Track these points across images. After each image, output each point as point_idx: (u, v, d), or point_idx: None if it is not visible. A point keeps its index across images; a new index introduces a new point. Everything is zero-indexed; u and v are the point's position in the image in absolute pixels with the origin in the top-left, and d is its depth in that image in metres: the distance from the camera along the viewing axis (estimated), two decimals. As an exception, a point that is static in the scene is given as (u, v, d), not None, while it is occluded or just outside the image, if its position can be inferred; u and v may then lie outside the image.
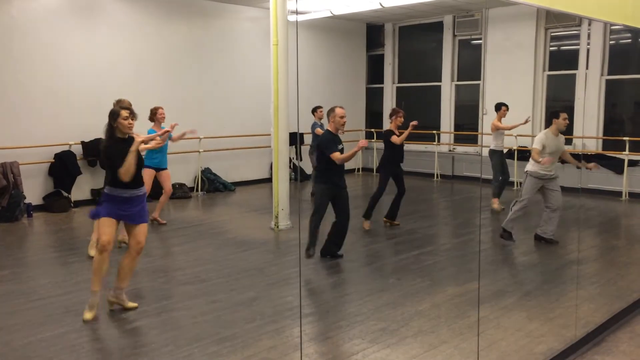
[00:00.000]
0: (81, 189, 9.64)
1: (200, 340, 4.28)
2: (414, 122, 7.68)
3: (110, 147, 4.66)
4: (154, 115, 7.69)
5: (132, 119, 4.67)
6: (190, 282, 5.64)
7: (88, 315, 4.65)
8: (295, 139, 11.06)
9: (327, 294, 5.36)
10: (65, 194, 9.39)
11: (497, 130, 8.93)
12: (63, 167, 9.29)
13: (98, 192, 9.72)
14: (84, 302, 5.05)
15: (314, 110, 10.36)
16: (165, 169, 7.82)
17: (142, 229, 4.81)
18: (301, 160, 12.49)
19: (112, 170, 4.62)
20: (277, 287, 5.57)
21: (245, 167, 11.95)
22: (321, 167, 6.34)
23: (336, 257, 6.44)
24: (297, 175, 12.01)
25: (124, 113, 4.63)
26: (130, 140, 4.69)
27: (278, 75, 7.70)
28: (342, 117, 6.25)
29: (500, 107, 9.11)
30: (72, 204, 9.38)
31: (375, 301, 5.12)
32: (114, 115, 4.64)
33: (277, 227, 7.85)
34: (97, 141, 9.63)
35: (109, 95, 9.78)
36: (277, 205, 7.86)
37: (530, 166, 6.88)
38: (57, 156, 9.30)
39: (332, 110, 6.30)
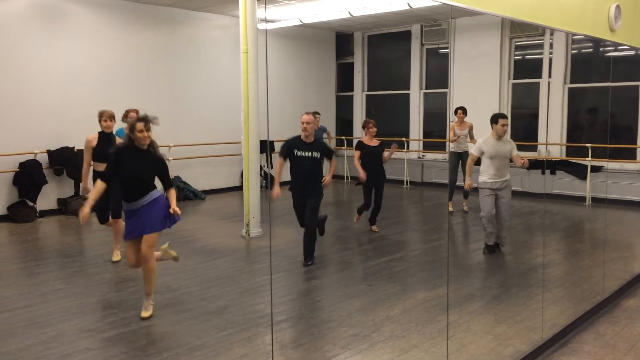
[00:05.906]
0: (47, 199, 9.44)
1: (170, 350, 4.24)
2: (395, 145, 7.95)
3: (119, 154, 4.70)
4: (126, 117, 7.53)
5: (146, 131, 4.62)
6: (160, 292, 5.56)
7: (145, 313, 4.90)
8: (265, 146, 11.03)
9: (299, 301, 5.36)
10: (31, 204, 9.18)
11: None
12: (28, 177, 9.09)
13: (64, 202, 9.55)
14: (49, 313, 4.98)
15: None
16: None
17: (144, 240, 4.78)
18: (272, 167, 12.47)
19: (119, 181, 4.70)
20: (249, 295, 5.55)
21: (216, 175, 11.88)
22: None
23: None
24: (267, 183, 11.98)
25: (139, 126, 4.60)
26: (147, 152, 4.70)
27: (248, 83, 7.71)
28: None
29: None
30: (37, 214, 9.18)
31: (346, 307, 5.15)
32: (131, 128, 4.65)
33: (248, 235, 7.82)
34: (63, 149, 9.50)
35: (74, 102, 9.71)
36: (248, 213, 7.84)
37: (479, 178, 6.68)
38: (22, 165, 9.09)
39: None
